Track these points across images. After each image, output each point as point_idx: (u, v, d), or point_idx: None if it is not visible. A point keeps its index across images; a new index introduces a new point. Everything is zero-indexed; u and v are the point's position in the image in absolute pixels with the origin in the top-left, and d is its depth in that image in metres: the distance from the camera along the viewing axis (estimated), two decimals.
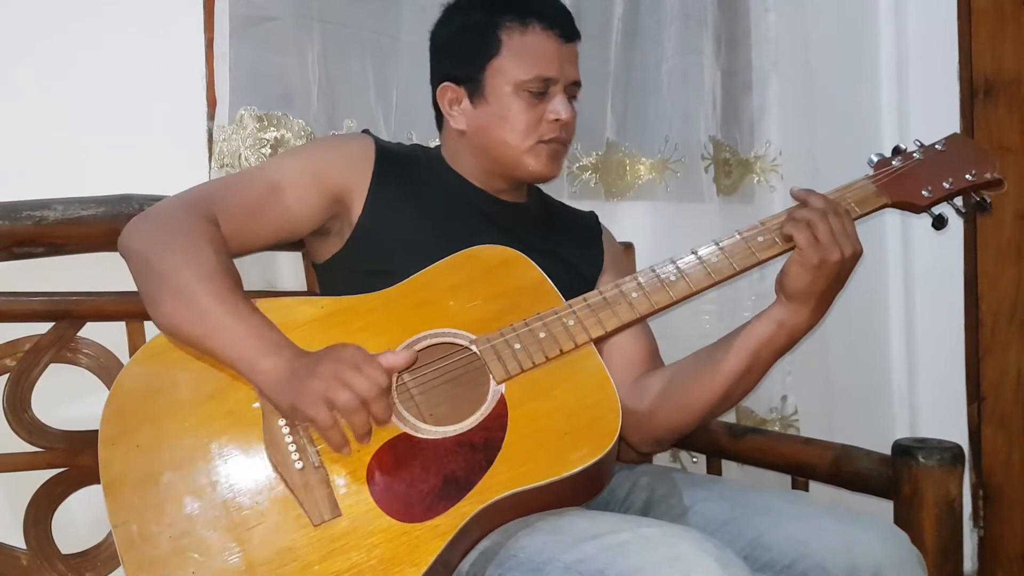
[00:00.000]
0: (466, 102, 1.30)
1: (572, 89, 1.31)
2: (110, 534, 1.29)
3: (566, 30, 1.30)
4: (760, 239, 1.19)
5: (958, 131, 2.16)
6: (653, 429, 1.29)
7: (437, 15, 1.36)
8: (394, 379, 1.09)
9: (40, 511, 1.28)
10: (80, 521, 1.31)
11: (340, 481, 1.04)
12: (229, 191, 1.22)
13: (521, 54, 1.26)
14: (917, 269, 2.16)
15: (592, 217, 1.48)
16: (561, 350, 1.13)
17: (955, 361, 2.14)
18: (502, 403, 1.10)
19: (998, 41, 2.06)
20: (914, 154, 1.26)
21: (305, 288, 1.40)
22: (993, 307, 2.09)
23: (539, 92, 1.27)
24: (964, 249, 2.13)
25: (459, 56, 1.30)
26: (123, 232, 1.15)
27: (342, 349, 1.04)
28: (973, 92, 2.13)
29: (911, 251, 2.16)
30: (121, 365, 1.33)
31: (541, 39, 1.27)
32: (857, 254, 1.16)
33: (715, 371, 1.22)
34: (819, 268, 1.14)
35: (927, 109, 2.15)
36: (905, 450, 1.22)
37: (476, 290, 1.17)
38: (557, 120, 1.27)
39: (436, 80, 1.34)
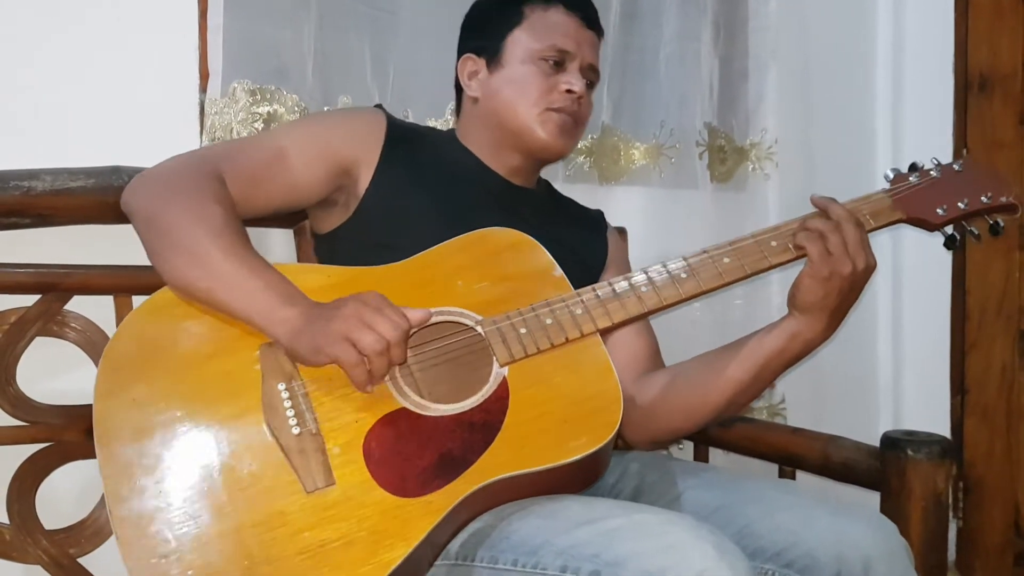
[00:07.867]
0: (484, 72, 1.32)
1: (589, 74, 1.33)
2: (95, 510, 1.29)
3: (588, 16, 1.33)
4: (773, 243, 1.17)
5: (951, 126, 2.16)
6: (652, 429, 1.28)
7: None
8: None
9: (24, 486, 1.26)
10: (64, 497, 1.30)
11: (336, 450, 1.03)
12: (237, 152, 1.21)
13: (540, 26, 1.30)
14: (906, 261, 2.17)
15: (598, 214, 1.48)
16: (567, 338, 1.12)
17: (941, 353, 2.15)
18: (504, 386, 1.09)
19: (995, 35, 2.05)
20: (931, 171, 1.25)
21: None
22: (980, 301, 2.10)
23: (555, 62, 1.29)
24: None
25: (482, 28, 1.35)
26: (126, 189, 1.14)
27: (365, 294, 1.04)
28: (968, 86, 2.13)
29: (900, 243, 2.17)
30: (108, 339, 1.31)
31: (563, 18, 1.31)
32: (871, 267, 1.14)
33: (721, 379, 1.21)
34: (830, 280, 1.12)
35: (922, 102, 2.16)
36: (894, 443, 1.22)
37: (484, 272, 1.16)
38: (570, 91, 1.28)
39: (461, 56, 1.36)
